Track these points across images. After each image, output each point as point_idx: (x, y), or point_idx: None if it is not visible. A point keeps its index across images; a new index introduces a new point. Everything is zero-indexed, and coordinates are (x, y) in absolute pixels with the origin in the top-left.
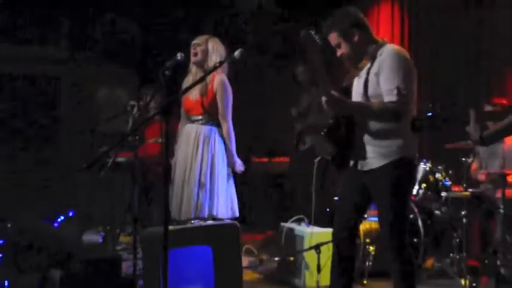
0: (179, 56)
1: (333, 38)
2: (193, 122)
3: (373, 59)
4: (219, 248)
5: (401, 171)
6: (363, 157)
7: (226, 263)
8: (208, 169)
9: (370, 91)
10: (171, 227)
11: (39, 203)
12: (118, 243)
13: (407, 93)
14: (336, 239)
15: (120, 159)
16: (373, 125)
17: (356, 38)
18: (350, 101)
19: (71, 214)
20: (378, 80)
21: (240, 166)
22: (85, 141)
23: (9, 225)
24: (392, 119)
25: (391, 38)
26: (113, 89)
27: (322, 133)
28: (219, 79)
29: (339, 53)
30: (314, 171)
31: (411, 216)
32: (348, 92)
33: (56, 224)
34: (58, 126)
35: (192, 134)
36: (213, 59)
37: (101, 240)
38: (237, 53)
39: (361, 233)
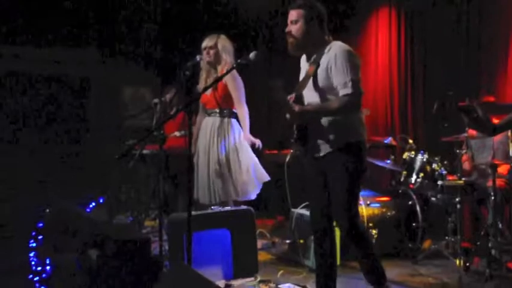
0: (198, 57)
1: (296, 14)
2: (209, 114)
3: (319, 55)
4: (236, 231)
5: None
6: (317, 149)
7: (243, 245)
8: (228, 155)
9: (321, 84)
10: (193, 213)
11: (73, 190)
12: (143, 227)
13: (359, 84)
14: (315, 228)
15: (145, 152)
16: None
17: (314, 28)
18: (309, 108)
19: (101, 201)
20: (327, 74)
21: (256, 140)
22: (112, 135)
23: (47, 211)
24: (353, 110)
25: (389, 40)
26: (137, 89)
27: (292, 141)
28: (230, 75)
29: (289, 28)
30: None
31: (410, 202)
32: (301, 97)
33: (88, 210)
34: (88, 123)
35: (208, 126)
36: (224, 57)
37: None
38: (252, 55)
39: (365, 217)
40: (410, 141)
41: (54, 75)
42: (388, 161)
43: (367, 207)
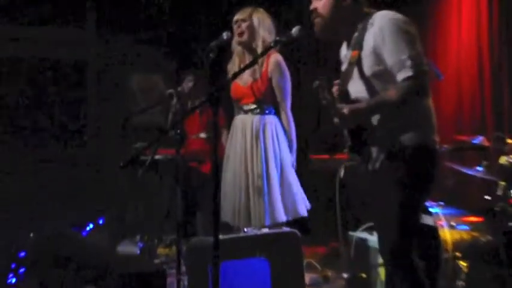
0: (225, 35)
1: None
2: (245, 112)
3: (360, 34)
4: (277, 261)
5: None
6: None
7: (285, 279)
8: (270, 166)
9: (368, 72)
10: (221, 236)
11: (65, 208)
12: (156, 256)
13: (423, 59)
14: (387, 258)
15: (159, 157)
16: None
17: (346, 1)
18: (361, 106)
19: (101, 222)
20: (375, 57)
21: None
22: (116, 136)
23: (31, 235)
24: (418, 97)
25: (478, 14)
26: (147, 75)
27: (346, 150)
28: (274, 60)
29: (314, 5)
30: None
31: (487, 239)
32: (347, 94)
33: (84, 233)
34: (85, 119)
35: (246, 126)
36: (261, 35)
37: (138, 252)
38: (294, 30)
39: (449, 244)
40: (509, 140)
41: (42, 59)
42: (480, 168)
43: (452, 230)
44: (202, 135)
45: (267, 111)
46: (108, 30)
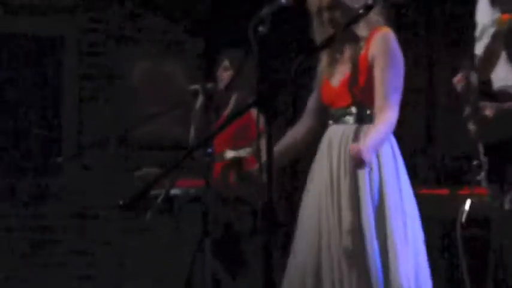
0: None
1: None
2: (338, 120)
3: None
4: None
5: None
6: None
7: None
8: (389, 216)
9: None
10: None
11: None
12: None
13: None
14: None
15: (176, 192)
16: None
17: None
18: None
19: None
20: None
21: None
22: (109, 157)
23: None
24: None
25: None
26: (158, 62)
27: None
28: (380, 36)
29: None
30: None
31: None
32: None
33: None
34: (59, 131)
35: (343, 139)
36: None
37: None
38: None
39: None
40: None
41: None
42: None
43: None
44: (228, 154)
45: (368, 119)
46: None
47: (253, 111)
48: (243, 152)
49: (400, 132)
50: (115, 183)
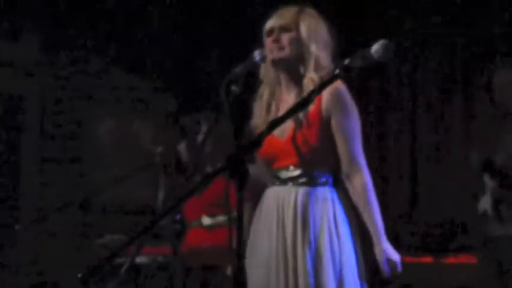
0: (258, 55)
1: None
2: (283, 182)
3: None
4: None
5: None
6: None
7: None
8: (324, 275)
9: None
10: None
11: None
12: None
13: None
14: None
15: (142, 260)
16: None
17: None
18: None
19: None
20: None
21: (396, 263)
22: (71, 223)
23: None
24: None
25: None
26: (125, 121)
27: None
28: (332, 89)
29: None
30: None
31: None
32: None
33: None
34: (16, 198)
35: (284, 206)
36: (313, 51)
37: None
38: (376, 48)
39: None
40: None
41: None
42: None
43: None
44: (205, 221)
45: (319, 181)
46: (58, 46)
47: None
48: (221, 219)
49: (384, 199)
50: (77, 250)
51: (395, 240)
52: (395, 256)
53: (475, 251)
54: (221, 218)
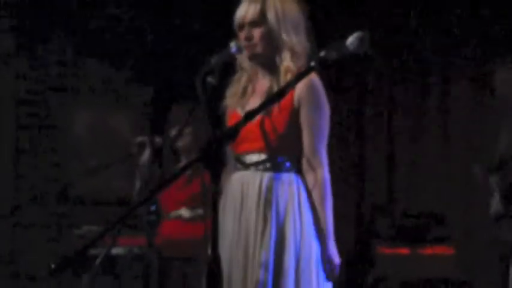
0: (234, 46)
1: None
2: (247, 166)
3: None
4: None
5: None
6: None
7: None
8: (284, 255)
9: None
10: None
11: None
12: None
13: None
14: None
15: (118, 251)
16: None
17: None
18: None
19: None
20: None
21: (335, 267)
22: (45, 214)
23: None
24: None
25: None
26: (101, 114)
27: None
28: (306, 81)
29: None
30: None
31: None
32: None
33: None
34: None
35: (248, 190)
36: (286, 40)
37: None
38: (352, 40)
39: None
40: None
41: None
42: None
43: None
44: (184, 213)
45: (284, 167)
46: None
47: None
48: (200, 212)
49: (361, 190)
50: (54, 242)
51: (372, 232)
52: (336, 259)
53: (453, 243)
54: (200, 211)
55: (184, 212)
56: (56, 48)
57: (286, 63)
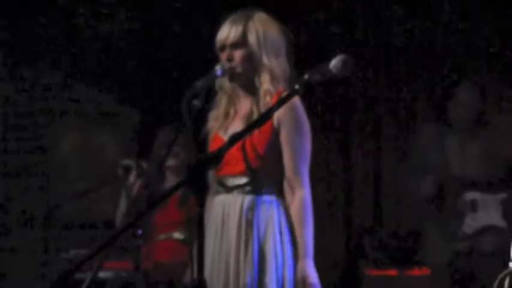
0: (219, 69)
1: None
2: (229, 189)
3: None
4: None
5: None
6: None
7: None
8: (266, 281)
9: None
10: None
11: None
12: None
13: None
14: None
15: (106, 275)
16: None
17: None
18: None
19: None
20: None
21: (311, 286)
22: (31, 238)
23: None
24: None
25: None
26: (89, 134)
27: None
28: (288, 102)
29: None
30: None
31: None
32: None
33: None
34: None
35: (230, 214)
36: (265, 63)
37: None
38: (335, 63)
39: None
40: None
41: None
42: None
43: None
44: (177, 235)
45: (265, 189)
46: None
47: None
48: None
49: (348, 212)
50: (41, 266)
51: (359, 253)
52: (314, 279)
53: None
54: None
55: (178, 235)
56: (43, 72)
57: (266, 86)
